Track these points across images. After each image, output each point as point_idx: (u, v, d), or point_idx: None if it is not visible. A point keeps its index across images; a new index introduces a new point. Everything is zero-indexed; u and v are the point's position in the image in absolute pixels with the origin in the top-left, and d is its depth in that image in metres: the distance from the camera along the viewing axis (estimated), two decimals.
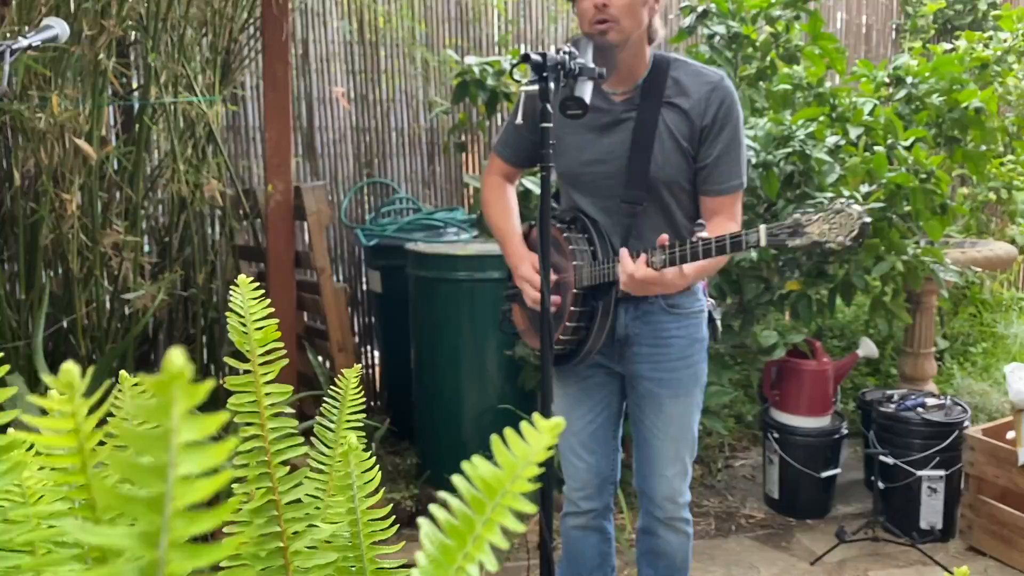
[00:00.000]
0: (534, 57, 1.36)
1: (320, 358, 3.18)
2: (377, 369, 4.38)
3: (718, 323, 1.95)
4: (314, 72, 4.08)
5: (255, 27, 3.33)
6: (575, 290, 1.74)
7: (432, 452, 3.40)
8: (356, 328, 4.40)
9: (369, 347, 4.43)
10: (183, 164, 3.11)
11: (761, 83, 3.41)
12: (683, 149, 1.77)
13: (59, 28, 1.75)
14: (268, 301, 0.67)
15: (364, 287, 4.34)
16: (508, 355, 3.17)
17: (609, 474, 2.00)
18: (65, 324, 3.00)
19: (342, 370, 0.78)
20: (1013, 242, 4.74)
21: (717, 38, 3.35)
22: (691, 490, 3.33)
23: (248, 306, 0.68)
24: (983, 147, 3.77)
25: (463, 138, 4.11)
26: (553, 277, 1.74)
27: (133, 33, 3.16)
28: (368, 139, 4.23)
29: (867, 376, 4.13)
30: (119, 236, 2.91)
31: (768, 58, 3.43)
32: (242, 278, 0.71)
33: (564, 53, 1.44)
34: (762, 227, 1.51)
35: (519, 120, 1.40)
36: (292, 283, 3.18)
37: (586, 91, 1.50)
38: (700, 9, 3.31)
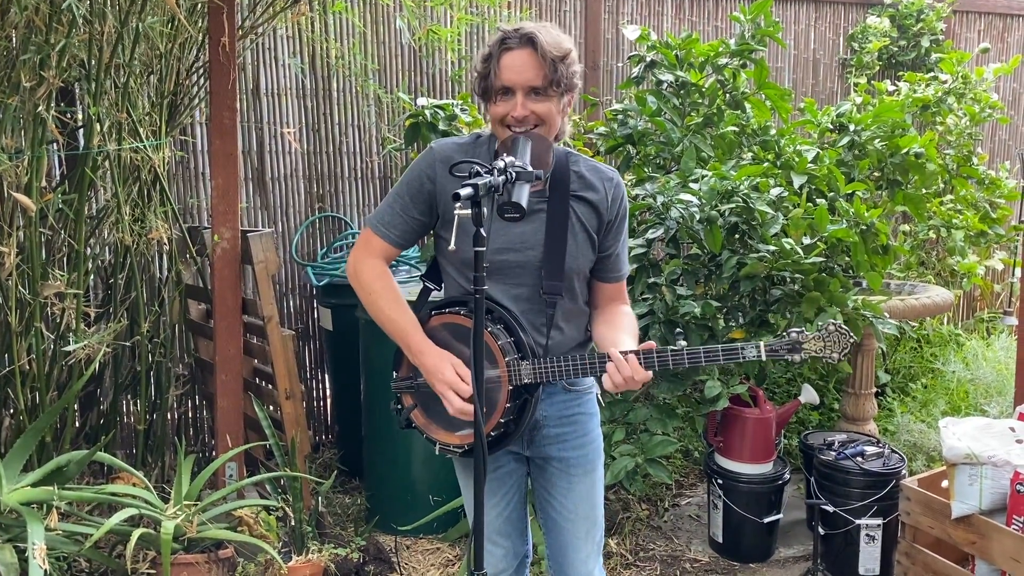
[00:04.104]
0: (464, 193, 1.36)
1: (269, 406, 3.15)
2: (329, 401, 4.36)
3: (601, 400, 2.02)
4: (265, 107, 4.03)
5: (205, 67, 3.29)
6: (510, 386, 1.75)
7: (381, 496, 3.40)
8: (309, 360, 4.37)
9: (322, 373, 4.40)
10: (128, 208, 3.06)
11: (708, 129, 3.46)
12: (592, 240, 1.85)
13: None
14: None
15: (317, 318, 4.31)
16: None
17: (523, 550, 2.04)
18: (5, 373, 2.94)
19: None
20: (953, 273, 4.88)
21: (665, 85, 3.40)
22: (638, 533, 3.39)
23: None
24: (923, 190, 3.88)
25: None
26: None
27: (76, 81, 3.10)
28: (320, 171, 4.20)
29: (811, 411, 4.22)
30: (59, 287, 2.86)
31: (716, 104, 3.48)
32: None
33: (498, 172, 1.45)
34: (761, 343, 1.71)
35: (452, 247, 1.40)
36: (239, 330, 3.15)
37: (523, 196, 1.51)
38: (648, 59, 3.35)
